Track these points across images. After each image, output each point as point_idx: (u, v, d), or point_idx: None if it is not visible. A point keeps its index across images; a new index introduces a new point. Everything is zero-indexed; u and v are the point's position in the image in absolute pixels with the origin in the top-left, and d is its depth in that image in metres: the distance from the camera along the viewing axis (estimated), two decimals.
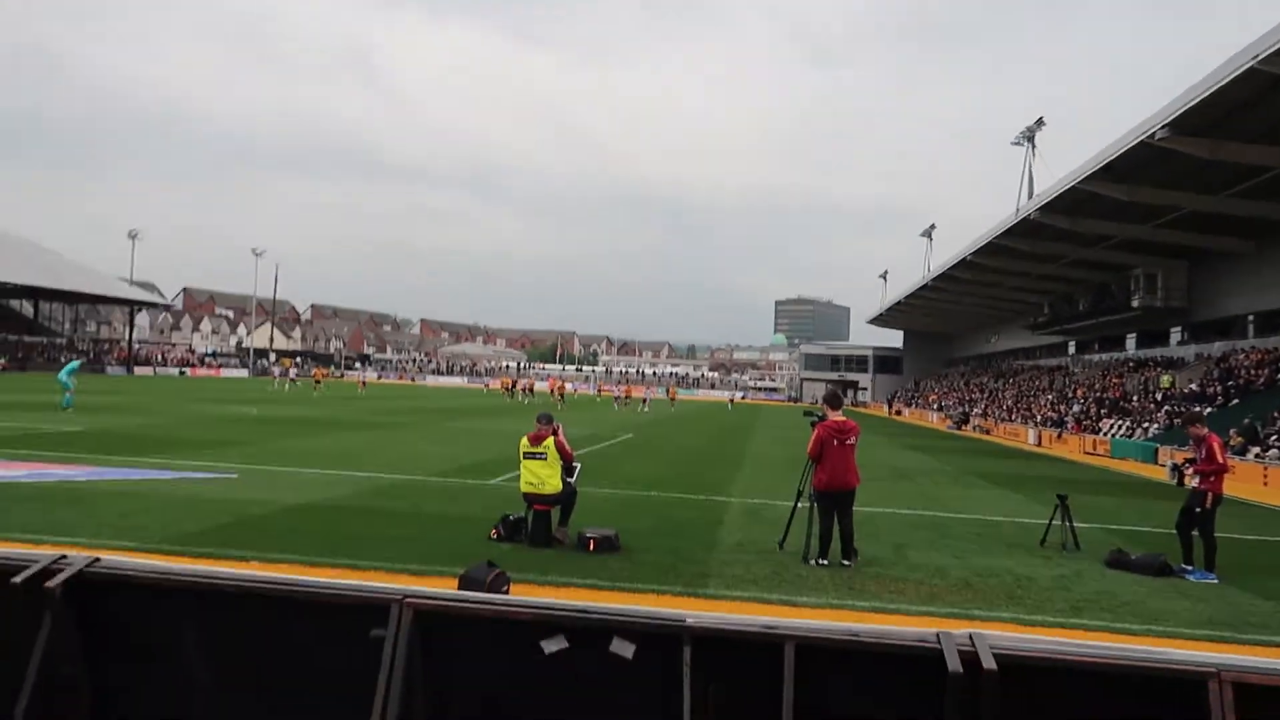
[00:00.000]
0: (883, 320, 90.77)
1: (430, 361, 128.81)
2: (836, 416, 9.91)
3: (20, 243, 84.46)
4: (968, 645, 3.24)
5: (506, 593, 7.61)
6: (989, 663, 3.12)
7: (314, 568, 8.35)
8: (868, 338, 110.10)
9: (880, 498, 15.87)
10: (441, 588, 7.86)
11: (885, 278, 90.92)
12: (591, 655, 3.49)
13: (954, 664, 3.14)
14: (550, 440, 10.05)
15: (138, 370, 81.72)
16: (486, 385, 68.30)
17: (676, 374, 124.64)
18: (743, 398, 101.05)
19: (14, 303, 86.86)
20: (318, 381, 59.77)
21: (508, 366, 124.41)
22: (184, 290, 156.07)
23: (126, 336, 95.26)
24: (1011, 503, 16.73)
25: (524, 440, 10.23)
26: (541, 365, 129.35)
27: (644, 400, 58.17)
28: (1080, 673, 3.20)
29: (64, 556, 3.82)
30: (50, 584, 3.63)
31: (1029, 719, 3.25)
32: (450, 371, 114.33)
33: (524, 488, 10.06)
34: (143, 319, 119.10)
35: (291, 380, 61.50)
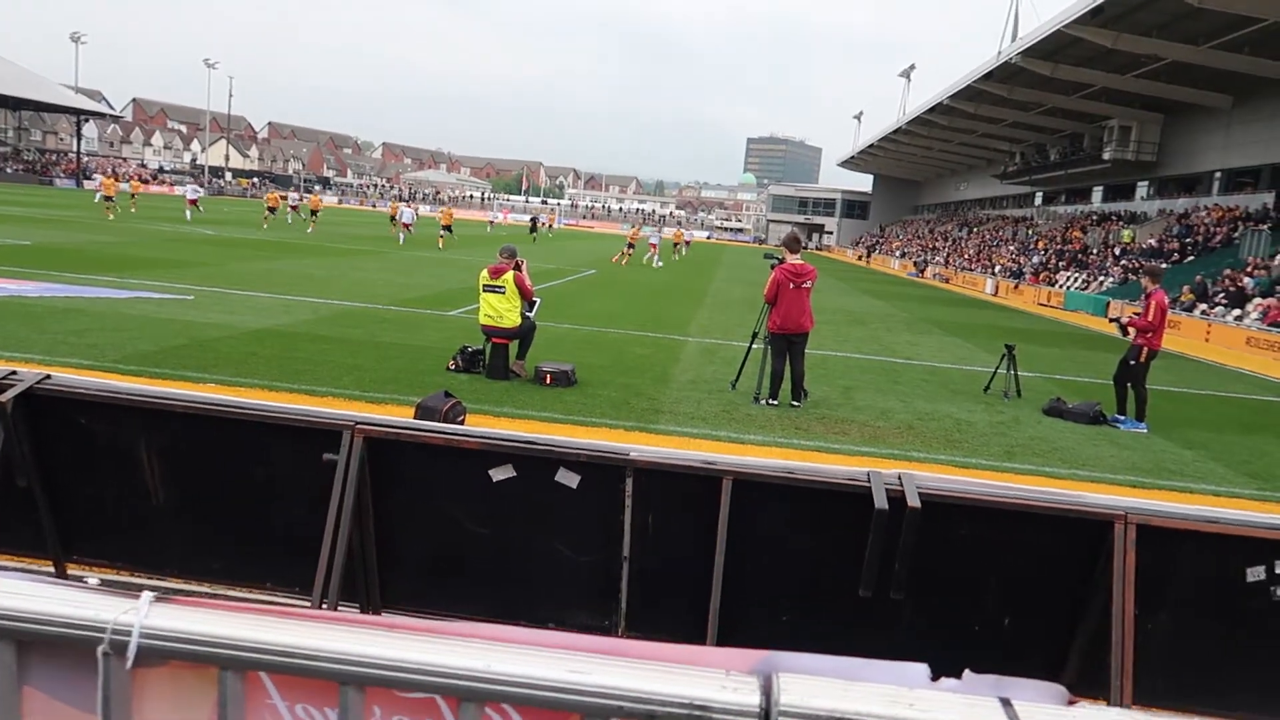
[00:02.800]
0: (854, 164, 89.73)
1: (392, 187, 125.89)
2: (794, 260, 9.95)
3: None
4: (895, 485, 3.42)
5: (462, 422, 7.78)
6: (914, 501, 3.31)
7: (271, 392, 8.42)
8: (838, 181, 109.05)
9: (834, 341, 16.18)
10: (398, 416, 8.00)
11: (860, 119, 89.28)
12: (538, 484, 3.64)
13: (880, 501, 3.32)
14: (510, 274, 10.02)
15: (87, 184, 79.01)
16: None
17: (643, 211, 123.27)
18: (708, 237, 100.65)
19: None
20: (108, 198, 37.03)
21: (471, 196, 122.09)
22: (133, 101, 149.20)
23: (75, 148, 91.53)
24: (962, 350, 17.15)
25: (484, 273, 10.19)
26: (506, 196, 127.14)
27: (651, 247, 38.62)
28: (1000, 512, 3.41)
29: (14, 373, 3.83)
30: (2, 399, 3.67)
31: (949, 553, 3.49)
32: (413, 199, 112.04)
33: (482, 320, 10.10)
34: (90, 130, 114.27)
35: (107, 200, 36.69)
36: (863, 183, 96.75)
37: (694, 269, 37.51)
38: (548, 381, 9.81)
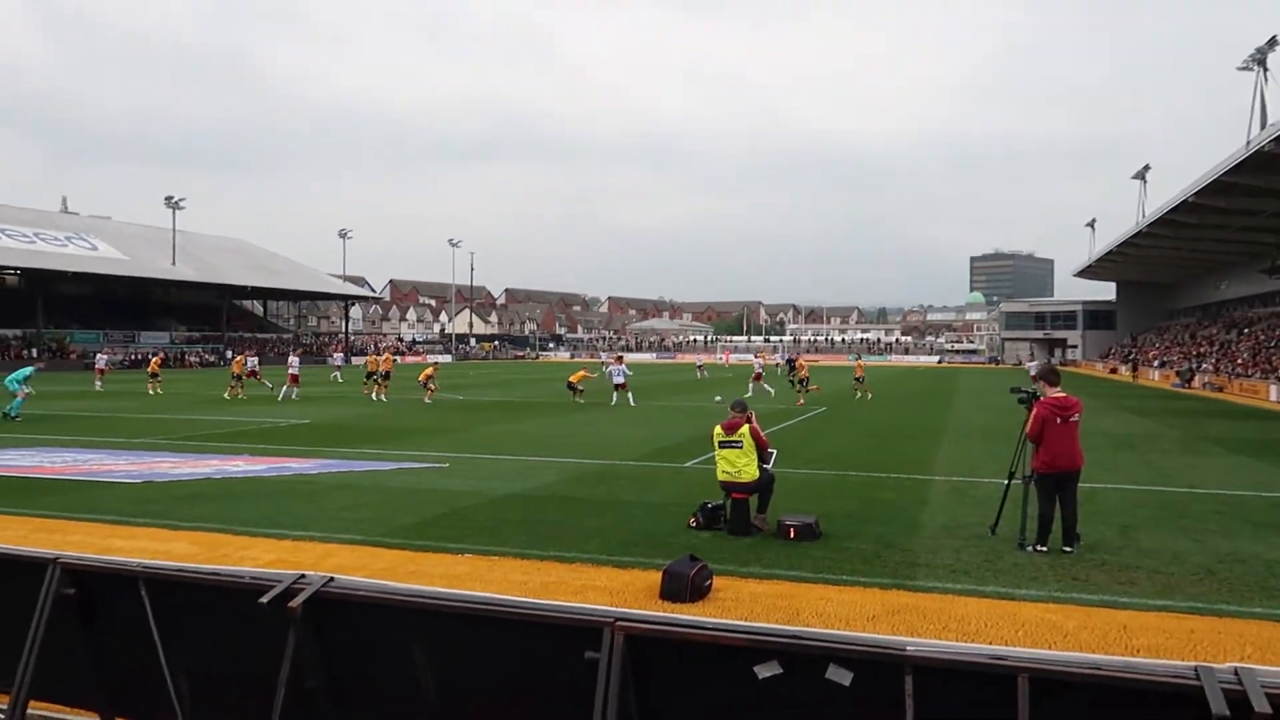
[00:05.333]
0: (1091, 272, 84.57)
1: (619, 339, 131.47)
2: (1056, 392, 9.26)
3: (250, 248, 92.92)
4: (1233, 683, 2.89)
5: (709, 586, 7.63)
6: (1262, 705, 2.77)
7: (523, 560, 8.66)
8: (1074, 292, 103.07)
9: (1100, 471, 14.76)
10: (644, 577, 7.84)
11: (1093, 226, 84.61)
12: (807, 681, 3.39)
13: (1219, 706, 2.80)
14: (745, 428, 9.96)
15: (355, 360, 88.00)
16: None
17: (867, 340, 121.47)
18: (939, 361, 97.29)
19: (247, 303, 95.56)
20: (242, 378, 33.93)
21: (695, 340, 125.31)
22: (390, 282, 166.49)
23: (343, 329, 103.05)
24: (1255, 473, 15.16)
25: (718, 429, 10.18)
26: (729, 338, 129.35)
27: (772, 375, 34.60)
28: None
29: (303, 576, 4.09)
30: (293, 604, 3.91)
31: None
32: (639, 348, 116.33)
33: (720, 476, 10.02)
34: (356, 311, 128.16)
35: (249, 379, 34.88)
36: (1104, 291, 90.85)
37: (927, 399, 36.03)
38: (791, 535, 9.50)
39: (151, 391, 35.27)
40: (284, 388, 32.40)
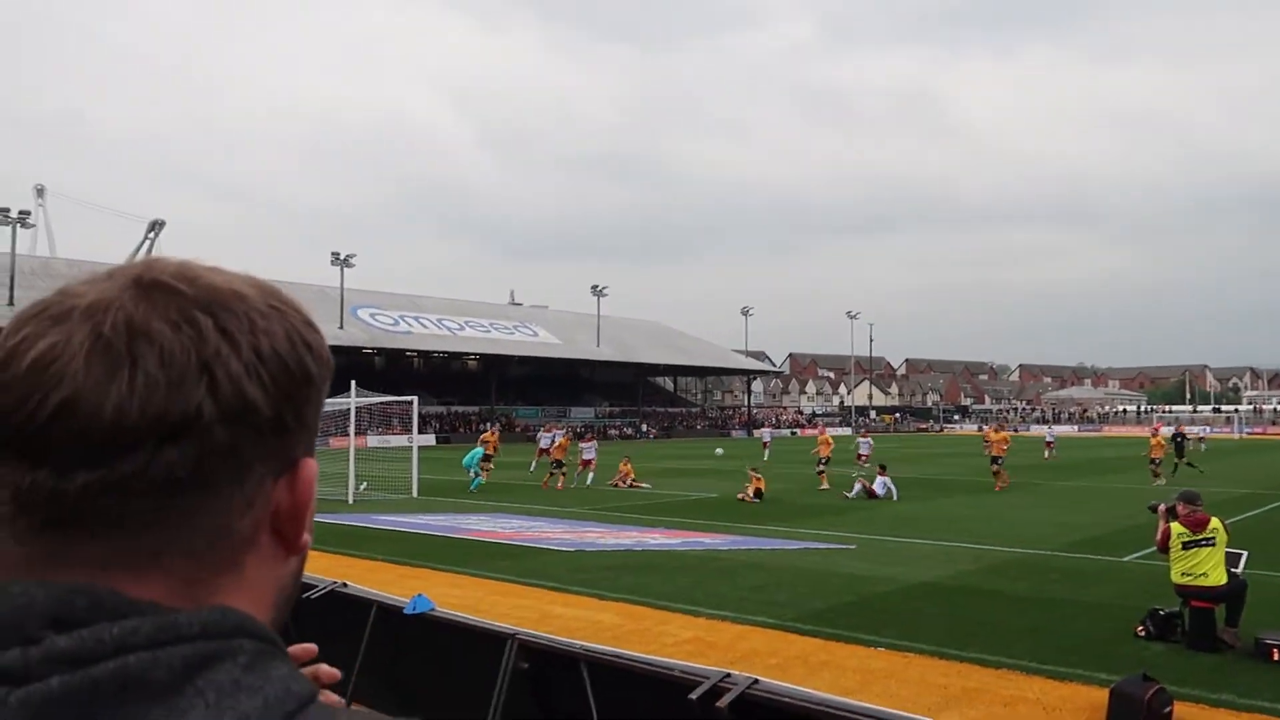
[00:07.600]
0: None
1: (1033, 409, 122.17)
2: None
3: (661, 329, 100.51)
4: None
5: (1169, 714, 6.56)
6: None
7: (941, 660, 8.12)
8: None
9: None
10: (1084, 691, 7.02)
11: None
12: None
13: None
14: (1217, 522, 8.59)
15: (755, 433, 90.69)
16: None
17: None
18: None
19: (660, 380, 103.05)
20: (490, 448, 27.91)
21: (1125, 410, 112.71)
22: (790, 356, 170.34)
23: (745, 402, 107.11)
24: None
25: (1176, 526, 8.84)
26: (1166, 407, 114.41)
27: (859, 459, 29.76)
28: None
29: (728, 675, 4.13)
30: (720, 703, 3.96)
31: None
32: (1057, 420, 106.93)
33: (1177, 579, 8.67)
34: (757, 385, 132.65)
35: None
36: None
37: None
38: (1275, 658, 7.92)
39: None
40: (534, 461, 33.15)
